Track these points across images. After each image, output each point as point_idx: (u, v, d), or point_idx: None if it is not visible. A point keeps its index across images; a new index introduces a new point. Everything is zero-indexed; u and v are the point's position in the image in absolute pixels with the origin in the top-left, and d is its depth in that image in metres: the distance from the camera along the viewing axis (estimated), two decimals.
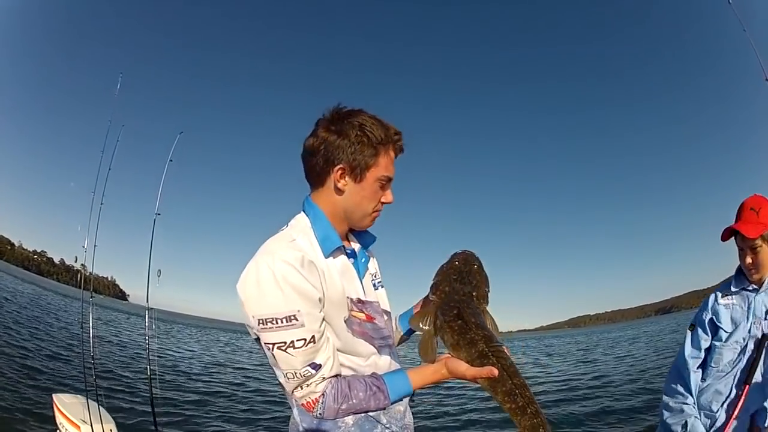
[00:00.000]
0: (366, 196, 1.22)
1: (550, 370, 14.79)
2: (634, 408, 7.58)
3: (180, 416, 6.94)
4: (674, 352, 2.33)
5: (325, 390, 1.12)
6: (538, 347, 33.34)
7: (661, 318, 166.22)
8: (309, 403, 1.13)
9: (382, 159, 1.21)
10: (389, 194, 1.26)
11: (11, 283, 39.11)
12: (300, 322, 1.06)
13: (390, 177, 1.24)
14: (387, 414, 1.21)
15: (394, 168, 1.25)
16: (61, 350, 11.10)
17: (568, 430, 6.77)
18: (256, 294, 1.07)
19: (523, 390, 1.03)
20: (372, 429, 1.19)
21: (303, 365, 1.09)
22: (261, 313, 1.06)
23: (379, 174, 1.20)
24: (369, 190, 1.21)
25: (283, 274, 1.06)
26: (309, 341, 1.08)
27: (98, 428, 3.50)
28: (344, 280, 1.20)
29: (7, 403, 5.96)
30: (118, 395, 7.34)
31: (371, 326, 1.24)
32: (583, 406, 8.17)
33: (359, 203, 1.22)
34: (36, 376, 7.74)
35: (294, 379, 1.10)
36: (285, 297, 1.05)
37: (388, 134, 1.21)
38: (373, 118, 1.21)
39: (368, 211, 1.24)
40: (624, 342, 27.41)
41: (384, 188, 1.24)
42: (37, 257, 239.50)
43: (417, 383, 1.19)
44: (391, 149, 1.23)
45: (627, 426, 6.74)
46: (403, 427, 1.27)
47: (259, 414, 7.85)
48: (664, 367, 12.09)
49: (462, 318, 1.10)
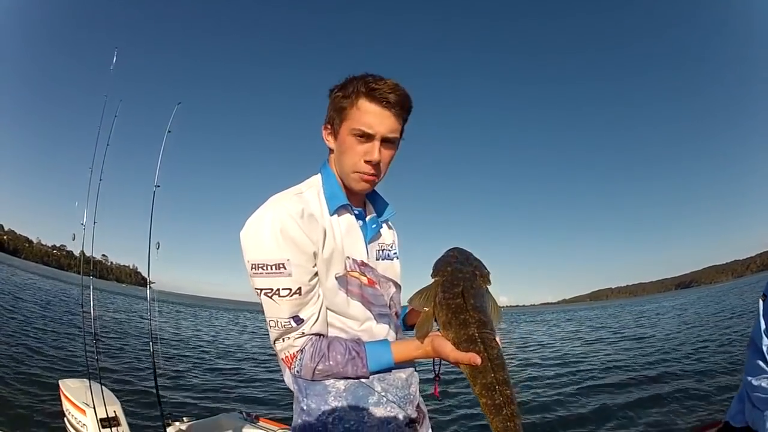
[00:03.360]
0: (342, 152, 1.17)
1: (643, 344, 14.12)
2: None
3: (185, 393, 6.99)
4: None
5: (303, 346, 1.11)
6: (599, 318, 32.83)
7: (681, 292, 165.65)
8: (287, 358, 1.13)
9: (352, 111, 1.14)
10: (373, 151, 1.15)
11: (28, 280, 40.03)
12: (288, 272, 1.06)
13: (364, 131, 1.13)
14: (383, 381, 1.17)
15: (382, 122, 1.14)
16: (70, 337, 11.28)
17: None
18: (253, 240, 1.08)
19: (503, 387, 0.93)
20: (366, 396, 1.16)
21: (287, 316, 1.09)
22: (254, 257, 1.07)
23: (351, 126, 1.14)
24: (345, 144, 1.16)
25: (282, 223, 1.07)
26: (294, 292, 1.07)
27: (102, 410, 3.41)
28: (347, 239, 1.19)
29: (15, 393, 6.01)
30: (124, 376, 7.42)
31: (372, 291, 1.21)
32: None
33: (339, 160, 1.20)
34: (45, 366, 7.82)
35: (276, 328, 1.11)
36: (278, 245, 1.06)
37: (358, 85, 1.14)
38: (362, 77, 1.15)
39: (349, 168, 1.17)
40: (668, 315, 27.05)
41: (362, 143, 1.15)
42: (56, 252, 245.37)
43: (399, 356, 1.14)
44: (364, 100, 1.13)
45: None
46: (405, 398, 1.21)
47: (265, 390, 7.83)
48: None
49: (462, 296, 1.02)
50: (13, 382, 6.47)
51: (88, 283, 4.27)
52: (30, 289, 29.28)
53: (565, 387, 7.93)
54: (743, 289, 45.85)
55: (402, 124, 1.19)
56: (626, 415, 6.02)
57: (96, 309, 4.15)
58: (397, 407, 1.20)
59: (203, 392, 7.26)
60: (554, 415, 6.19)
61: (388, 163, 1.20)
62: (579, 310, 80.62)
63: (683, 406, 6.27)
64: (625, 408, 6.30)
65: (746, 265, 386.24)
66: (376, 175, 1.18)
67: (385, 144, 1.16)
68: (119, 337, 12.64)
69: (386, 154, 1.17)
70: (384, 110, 1.13)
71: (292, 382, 1.20)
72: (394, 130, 1.16)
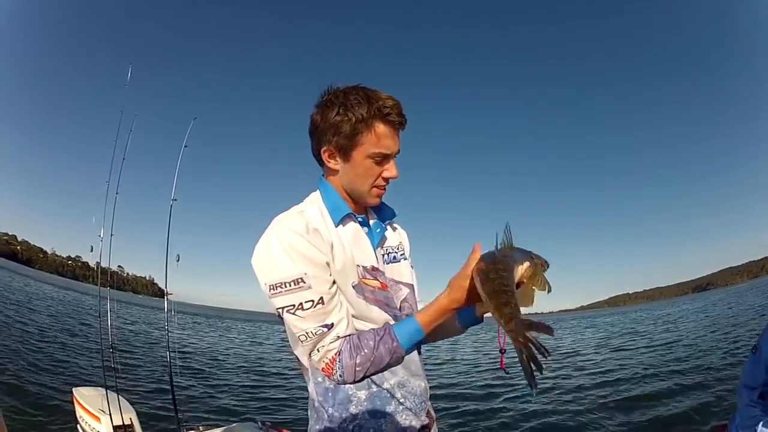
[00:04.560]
0: (359, 174, 1.18)
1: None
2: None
3: (201, 402, 6.99)
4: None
5: (340, 347, 1.09)
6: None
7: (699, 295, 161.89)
8: (328, 365, 1.10)
9: (367, 136, 1.14)
10: (392, 169, 1.19)
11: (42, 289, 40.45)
12: (307, 285, 1.07)
13: (383, 153, 1.16)
14: (403, 388, 1.23)
15: (395, 141, 1.17)
16: (85, 346, 11.37)
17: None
18: (265, 262, 1.09)
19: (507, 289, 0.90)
20: (385, 405, 1.20)
21: (315, 326, 1.08)
22: (270, 278, 1.08)
23: (367, 152, 1.15)
24: (360, 168, 1.17)
25: (289, 241, 1.08)
26: (317, 302, 1.08)
27: (117, 418, 3.45)
28: (355, 247, 1.20)
29: (28, 401, 6.05)
30: (140, 386, 7.43)
31: (385, 294, 1.23)
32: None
33: (353, 181, 1.20)
34: (59, 373, 7.89)
35: (308, 340, 1.09)
36: (292, 261, 1.07)
37: (370, 110, 1.12)
38: (359, 93, 1.14)
39: (365, 189, 1.20)
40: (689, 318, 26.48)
41: (381, 164, 1.17)
42: (71, 262, 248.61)
43: (425, 318, 1.10)
44: (379, 123, 1.14)
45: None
46: (420, 405, 1.27)
47: (281, 399, 7.84)
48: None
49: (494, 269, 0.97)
50: (27, 391, 6.51)
51: (105, 293, 4.36)
52: (44, 299, 29.55)
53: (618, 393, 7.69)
54: (765, 289, 45.19)
55: None
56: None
57: (113, 319, 4.23)
58: (413, 414, 1.24)
59: (219, 402, 7.26)
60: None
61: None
62: (599, 316, 79.16)
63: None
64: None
65: (761, 266, 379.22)
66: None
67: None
68: (135, 347, 12.70)
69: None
70: (395, 131, 1.17)
71: (316, 391, 1.22)
72: (398, 145, 1.20)
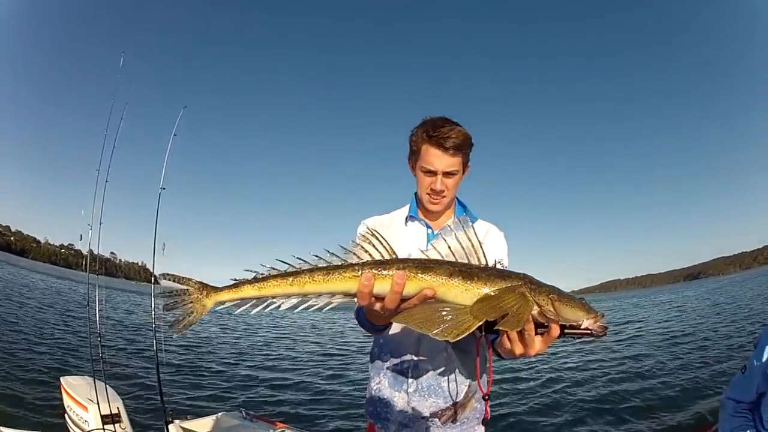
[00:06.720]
0: (419, 182, 1.58)
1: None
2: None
3: (188, 392, 6.99)
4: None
5: None
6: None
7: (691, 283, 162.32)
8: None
9: (420, 153, 1.52)
10: (436, 182, 1.51)
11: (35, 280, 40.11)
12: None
13: (428, 168, 1.50)
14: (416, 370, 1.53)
15: (440, 160, 1.48)
16: (73, 334, 11.31)
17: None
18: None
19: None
20: (395, 384, 1.56)
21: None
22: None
23: (420, 164, 1.53)
24: (418, 176, 1.56)
25: (359, 232, 1.54)
26: None
27: (105, 407, 3.43)
28: (407, 240, 1.57)
29: (16, 390, 6.02)
30: (127, 375, 7.40)
31: None
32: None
33: (418, 187, 1.60)
34: (46, 363, 7.83)
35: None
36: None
37: (421, 134, 1.50)
38: (426, 120, 1.53)
39: (422, 194, 1.58)
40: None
41: (429, 176, 1.52)
42: (64, 250, 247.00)
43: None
44: (426, 144, 1.49)
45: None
46: (430, 387, 1.51)
47: (267, 390, 7.77)
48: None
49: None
50: (14, 380, 6.47)
51: (94, 281, 4.30)
52: (36, 288, 29.33)
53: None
54: (760, 281, 44.81)
55: (462, 157, 1.51)
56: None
57: (101, 307, 4.17)
58: (420, 397, 1.50)
59: (206, 391, 7.22)
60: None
61: (452, 187, 1.54)
62: (593, 300, 80.00)
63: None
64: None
65: (753, 257, 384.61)
66: (442, 197, 1.54)
67: (446, 175, 1.50)
68: (123, 335, 12.62)
69: (448, 182, 1.51)
70: (443, 152, 1.47)
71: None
72: (451, 165, 1.49)
